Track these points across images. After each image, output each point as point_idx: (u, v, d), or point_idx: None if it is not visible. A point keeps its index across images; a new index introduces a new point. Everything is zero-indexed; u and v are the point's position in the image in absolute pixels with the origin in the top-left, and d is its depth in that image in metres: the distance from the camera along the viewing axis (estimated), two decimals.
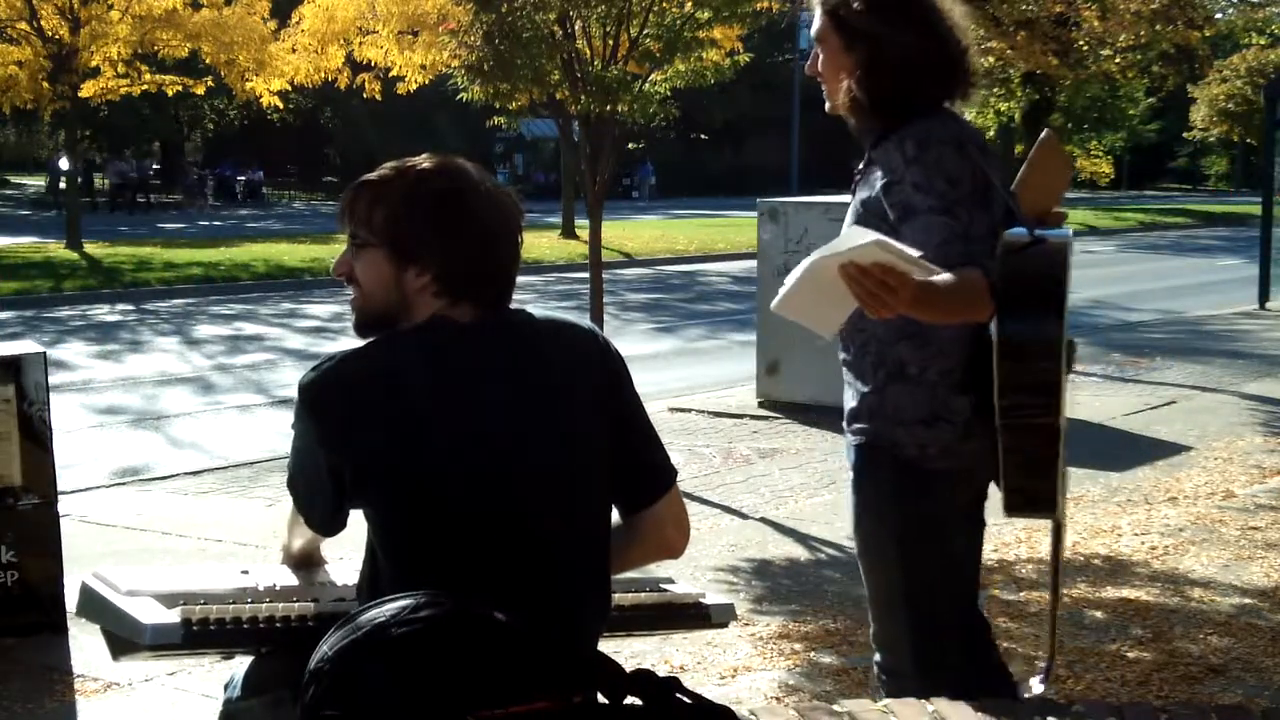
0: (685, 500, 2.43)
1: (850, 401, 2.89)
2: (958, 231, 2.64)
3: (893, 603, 2.90)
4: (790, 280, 2.41)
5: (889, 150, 2.76)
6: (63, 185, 22.92)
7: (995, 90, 11.23)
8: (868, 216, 2.78)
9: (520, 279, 2.32)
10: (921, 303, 2.44)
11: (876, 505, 2.86)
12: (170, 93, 24.75)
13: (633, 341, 13.26)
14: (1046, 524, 6.11)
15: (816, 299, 2.44)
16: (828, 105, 2.93)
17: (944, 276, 2.49)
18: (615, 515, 2.35)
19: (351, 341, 2.25)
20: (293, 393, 2.22)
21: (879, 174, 2.78)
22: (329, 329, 15.11)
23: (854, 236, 2.38)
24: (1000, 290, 2.58)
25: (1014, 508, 2.80)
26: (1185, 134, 35.31)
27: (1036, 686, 3.00)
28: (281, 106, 22.98)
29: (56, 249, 23.02)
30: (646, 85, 9.07)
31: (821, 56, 2.89)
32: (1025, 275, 2.60)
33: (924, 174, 2.69)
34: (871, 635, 2.99)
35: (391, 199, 2.22)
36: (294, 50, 19.25)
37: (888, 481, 2.83)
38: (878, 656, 2.98)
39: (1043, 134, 2.96)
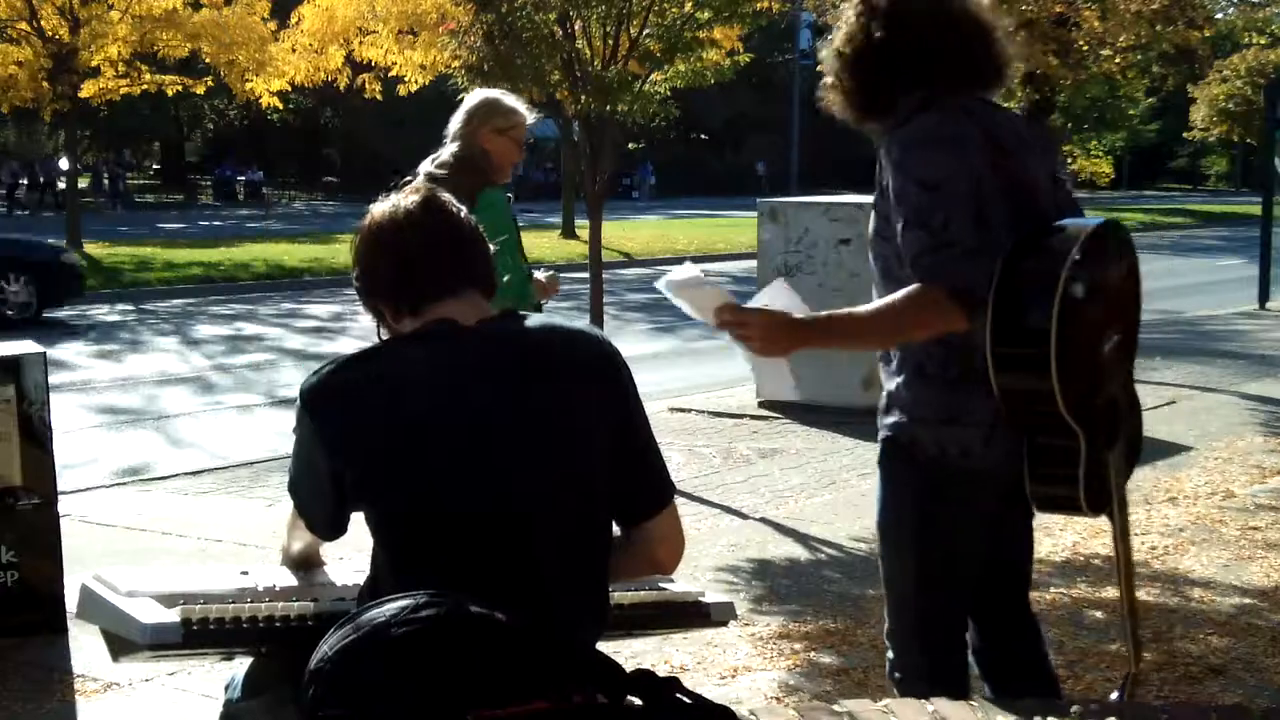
0: (685, 500, 2.43)
1: (883, 394, 2.87)
2: (927, 245, 2.60)
3: (905, 598, 2.89)
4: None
5: (882, 153, 2.74)
6: (62, 185, 22.91)
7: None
8: (877, 219, 2.78)
9: None
10: (794, 338, 2.61)
11: (896, 501, 2.85)
12: (170, 93, 24.73)
13: (632, 341, 13.26)
14: (1047, 524, 6.13)
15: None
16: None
17: (863, 308, 2.61)
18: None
19: (352, 342, 2.26)
20: (293, 393, 2.23)
21: (882, 175, 2.75)
22: (329, 329, 15.11)
23: (663, 290, 2.67)
24: (995, 291, 2.56)
25: (1040, 508, 2.78)
26: (1185, 134, 35.25)
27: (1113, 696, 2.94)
28: (281, 107, 22.97)
29: None
30: (646, 85, 9.08)
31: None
32: (1021, 273, 2.57)
33: (901, 181, 2.66)
34: (885, 633, 2.97)
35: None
36: (294, 50, 19.24)
37: (907, 479, 2.80)
38: (890, 654, 2.96)
39: None
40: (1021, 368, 2.56)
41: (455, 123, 4.79)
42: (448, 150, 4.74)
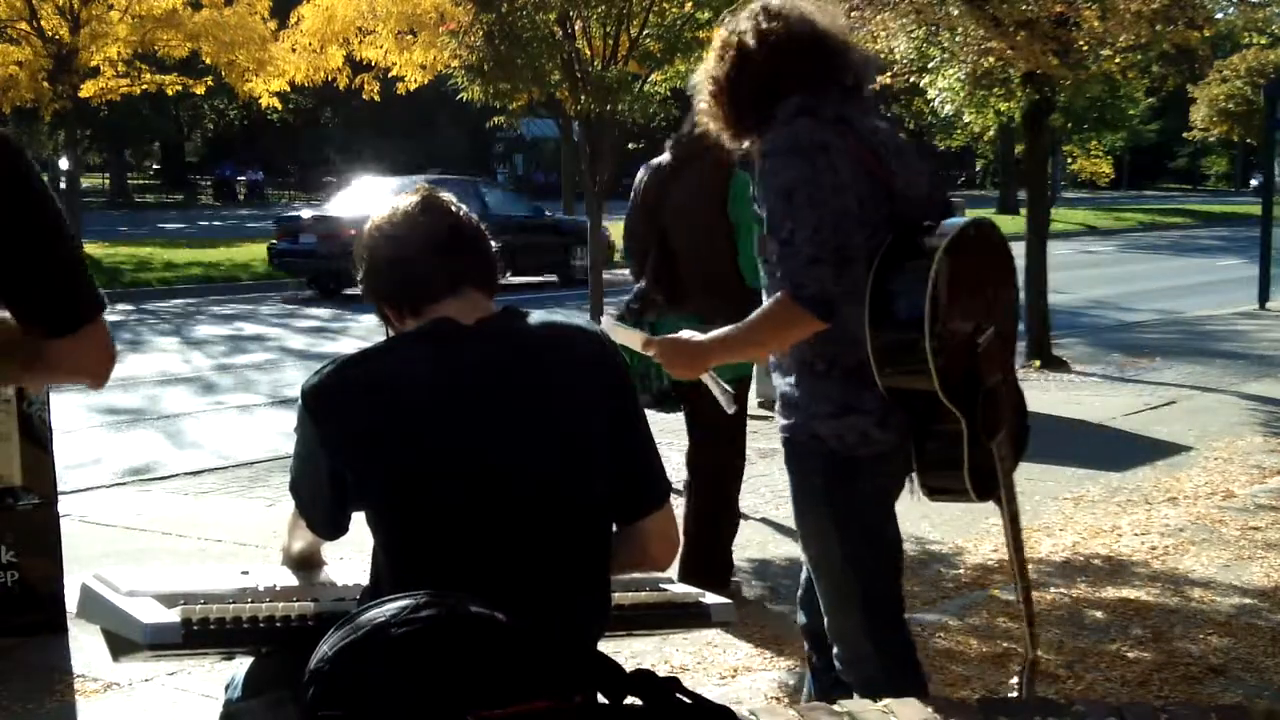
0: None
1: (777, 396, 2.98)
2: (777, 253, 2.76)
3: (843, 590, 2.95)
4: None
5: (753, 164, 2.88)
6: (62, 185, 22.92)
7: (995, 90, 11.21)
8: (758, 227, 2.89)
9: (520, 279, 2.33)
10: (704, 357, 2.85)
11: (810, 497, 2.94)
12: (170, 93, 24.73)
13: None
14: (1047, 524, 6.12)
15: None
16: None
17: (744, 321, 2.81)
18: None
19: (352, 342, 2.26)
20: (293, 393, 2.24)
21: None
22: (329, 329, 15.11)
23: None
24: (871, 287, 2.72)
25: (931, 496, 2.94)
26: (1185, 134, 35.27)
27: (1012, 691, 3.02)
28: (281, 107, 22.97)
29: None
30: (646, 85, 9.08)
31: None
32: (896, 269, 2.74)
33: (762, 190, 2.81)
34: (826, 628, 3.01)
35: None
36: (294, 50, 19.24)
37: (816, 472, 2.90)
38: (836, 650, 3.00)
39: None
40: (900, 358, 2.71)
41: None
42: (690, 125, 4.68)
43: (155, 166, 56.74)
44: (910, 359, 2.67)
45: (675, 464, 7.43)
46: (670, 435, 8.28)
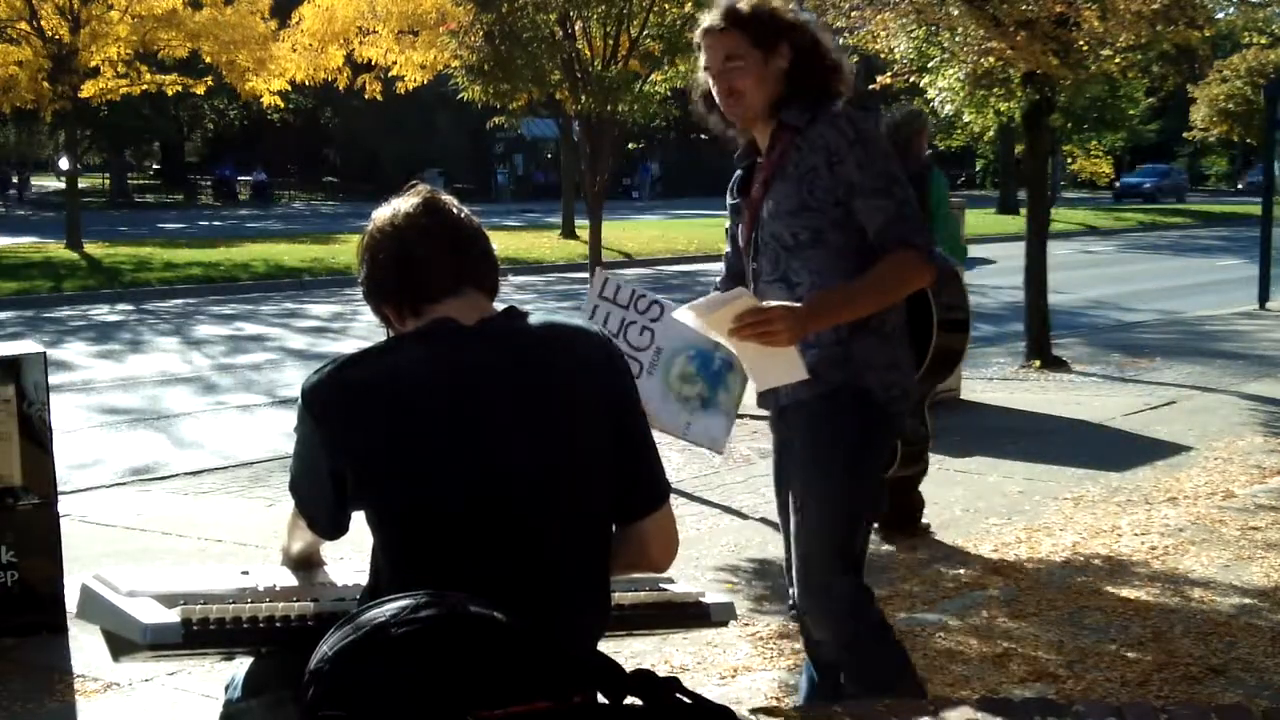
0: (685, 500, 2.44)
1: (811, 352, 3.10)
2: (895, 213, 3.04)
3: (836, 535, 3.15)
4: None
5: (822, 133, 3.07)
6: (63, 185, 22.93)
7: (995, 90, 11.20)
8: (803, 190, 3.08)
9: (521, 279, 2.36)
10: (809, 321, 2.96)
11: (839, 445, 3.13)
12: (170, 93, 24.75)
13: None
14: (1047, 524, 6.13)
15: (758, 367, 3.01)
16: (740, 120, 3.20)
17: (854, 282, 3.03)
18: None
19: (353, 342, 2.27)
20: (292, 393, 2.24)
21: (810, 157, 3.08)
22: (330, 329, 15.11)
23: (682, 320, 2.92)
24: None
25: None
26: (1185, 134, 35.26)
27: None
28: (282, 105, 22.99)
29: (56, 249, 23.02)
30: (646, 85, 9.08)
31: (736, 72, 3.13)
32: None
33: (865, 153, 3.05)
34: (801, 561, 3.17)
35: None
36: (294, 50, 19.25)
37: (854, 422, 3.13)
38: (805, 590, 3.17)
39: None
40: (956, 328, 3.53)
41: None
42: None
43: (155, 166, 56.73)
44: (961, 329, 3.37)
45: (675, 464, 7.46)
46: (670, 435, 8.29)
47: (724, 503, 6.64)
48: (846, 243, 3.08)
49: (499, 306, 2.32)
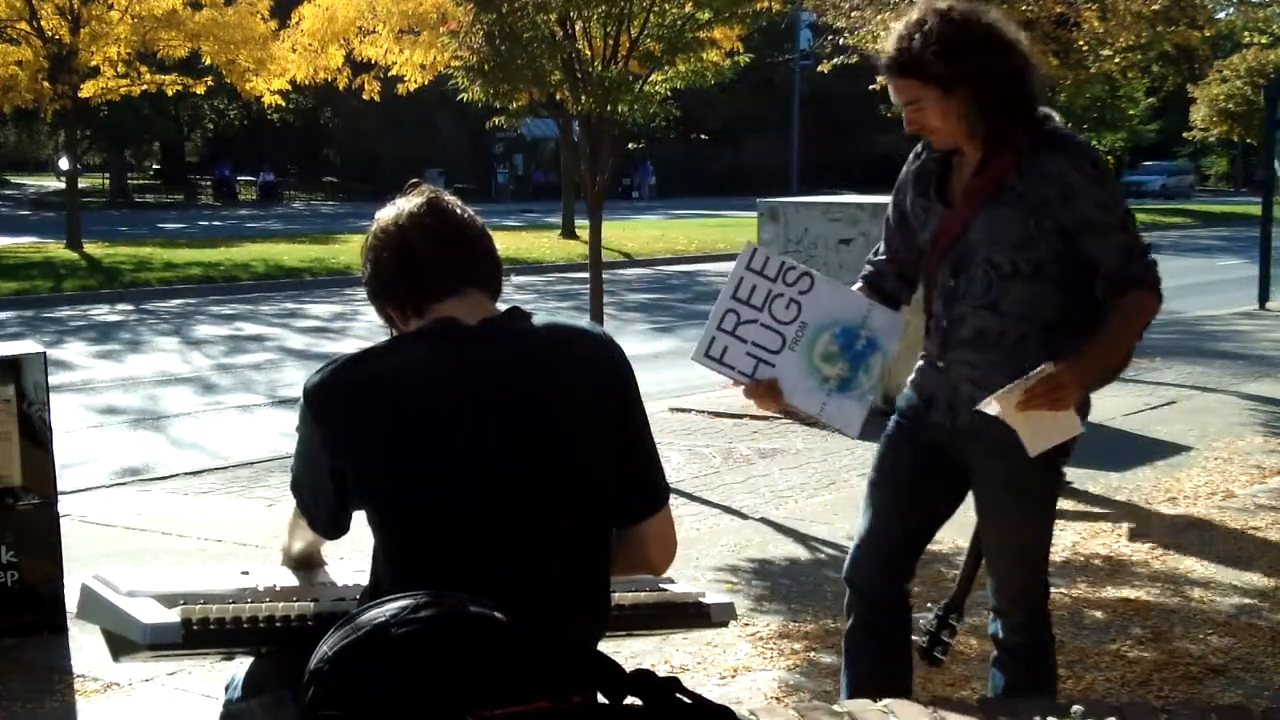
0: (685, 500, 2.44)
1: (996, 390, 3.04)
2: (1136, 248, 2.98)
3: (1040, 561, 3.21)
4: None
5: (1058, 164, 2.96)
6: (63, 185, 22.94)
7: None
8: (1031, 223, 2.98)
9: (521, 279, 2.35)
10: (1088, 373, 2.92)
11: (1052, 482, 3.17)
12: (170, 93, 24.73)
13: (632, 341, 13.26)
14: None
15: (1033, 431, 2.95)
16: (946, 146, 3.10)
17: (1104, 331, 2.96)
18: None
19: (353, 342, 2.27)
20: (293, 393, 2.24)
21: (1042, 188, 2.96)
22: (330, 329, 15.11)
23: (990, 413, 2.90)
24: None
25: None
26: (1185, 134, 35.24)
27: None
28: (283, 104, 22.99)
29: (56, 249, 23.02)
30: (646, 85, 9.07)
31: (923, 115, 3.05)
32: None
33: (1101, 190, 2.96)
34: (1011, 600, 3.20)
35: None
36: (294, 50, 19.25)
37: (1055, 476, 3.17)
38: (1015, 615, 3.20)
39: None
40: None
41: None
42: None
43: (155, 166, 56.69)
44: None
45: (675, 464, 7.45)
46: (670, 436, 8.30)
47: (724, 503, 6.64)
48: (1063, 275, 3.00)
49: (502, 307, 2.32)
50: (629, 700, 1.92)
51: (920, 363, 3.23)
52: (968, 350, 3.08)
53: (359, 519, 2.24)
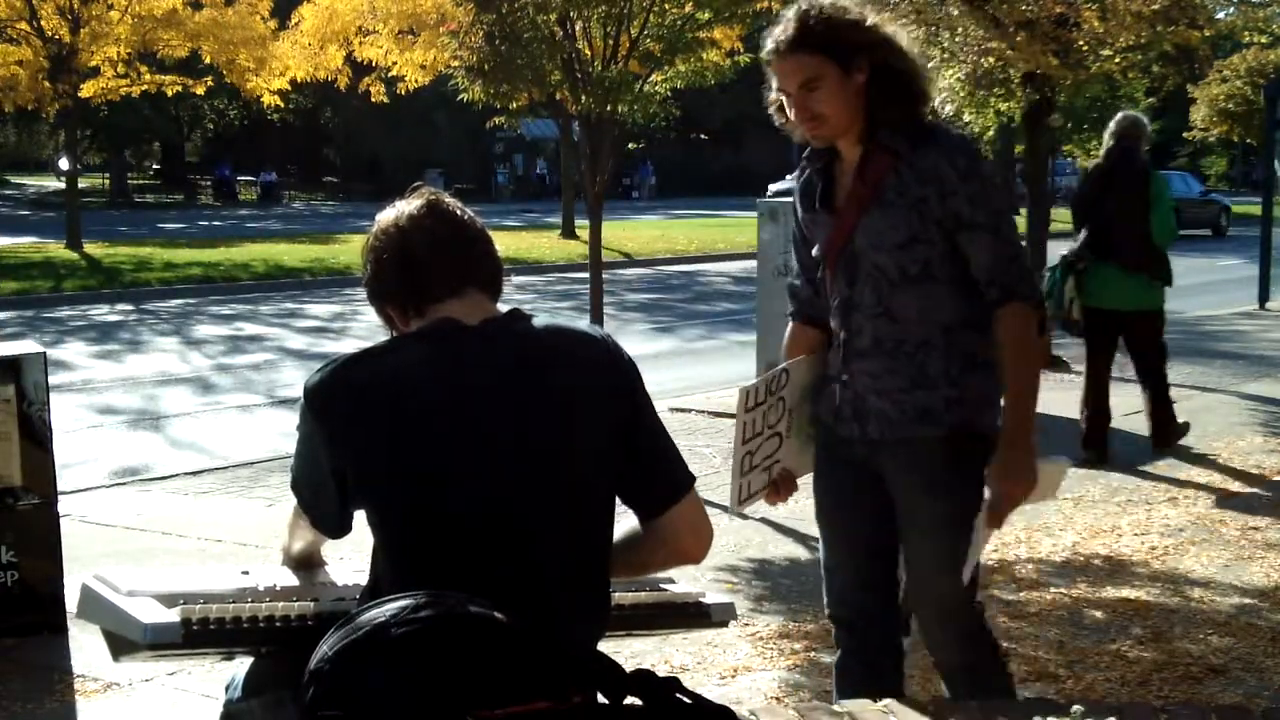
0: None
1: (906, 404, 2.98)
2: (1008, 253, 2.92)
3: (958, 558, 3.04)
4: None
5: (934, 162, 2.89)
6: (63, 185, 22.95)
7: (995, 90, 11.20)
8: (914, 220, 2.91)
9: (521, 279, 2.36)
10: (1019, 448, 2.92)
11: (971, 487, 2.99)
12: (170, 93, 24.74)
13: (633, 341, 13.26)
14: (1047, 524, 6.13)
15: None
16: (824, 142, 3.02)
17: (1012, 378, 2.93)
18: (635, 521, 2.35)
19: (353, 342, 2.27)
20: (293, 393, 2.24)
21: (918, 187, 2.90)
22: (330, 329, 15.11)
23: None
24: None
25: None
26: (1185, 134, 35.22)
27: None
28: (283, 104, 22.99)
29: (56, 249, 23.03)
30: (646, 85, 9.07)
31: (817, 97, 2.95)
32: None
33: (979, 188, 2.90)
34: (934, 600, 3.11)
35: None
36: (294, 48, 19.25)
37: (979, 464, 2.97)
38: (940, 612, 3.13)
39: None
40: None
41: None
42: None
43: (155, 166, 56.72)
44: None
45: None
46: (671, 436, 8.28)
47: (724, 503, 6.62)
48: (956, 275, 2.94)
49: (503, 308, 2.32)
50: (629, 700, 1.92)
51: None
52: (868, 360, 3.00)
53: (359, 519, 2.24)
